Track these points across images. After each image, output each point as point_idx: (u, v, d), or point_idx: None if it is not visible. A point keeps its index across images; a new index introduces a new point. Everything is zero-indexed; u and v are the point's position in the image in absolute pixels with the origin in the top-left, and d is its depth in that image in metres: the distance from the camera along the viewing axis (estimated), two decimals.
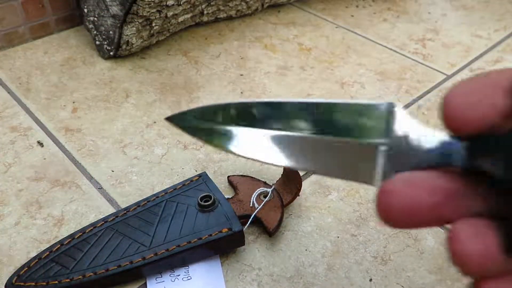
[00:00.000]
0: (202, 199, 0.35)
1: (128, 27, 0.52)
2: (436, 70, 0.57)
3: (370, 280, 0.34)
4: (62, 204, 0.39)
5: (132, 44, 0.55)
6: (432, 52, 0.61)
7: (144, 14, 0.52)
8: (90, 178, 0.41)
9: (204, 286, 0.33)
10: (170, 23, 0.56)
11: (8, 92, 0.51)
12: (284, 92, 0.52)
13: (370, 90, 0.53)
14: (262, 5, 0.66)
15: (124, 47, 0.54)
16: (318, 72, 0.56)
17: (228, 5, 0.62)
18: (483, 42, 0.63)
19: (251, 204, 0.36)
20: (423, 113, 0.50)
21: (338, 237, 0.37)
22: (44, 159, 0.43)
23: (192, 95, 0.51)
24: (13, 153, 0.44)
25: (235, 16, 0.65)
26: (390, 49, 0.61)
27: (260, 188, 0.37)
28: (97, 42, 0.56)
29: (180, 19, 0.57)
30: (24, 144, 0.45)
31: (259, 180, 0.39)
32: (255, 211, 0.35)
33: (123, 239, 0.33)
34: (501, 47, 0.62)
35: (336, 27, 0.65)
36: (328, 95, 0.52)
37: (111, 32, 0.53)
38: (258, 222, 0.36)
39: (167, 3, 0.53)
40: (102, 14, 0.53)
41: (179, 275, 0.33)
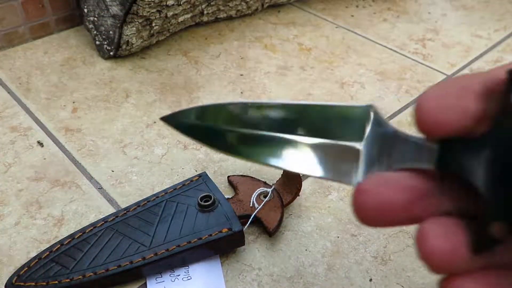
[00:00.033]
0: (202, 199, 0.35)
1: (128, 27, 0.52)
2: (436, 70, 0.57)
3: (370, 280, 0.34)
4: (62, 204, 0.39)
5: (132, 44, 0.55)
6: (432, 52, 0.61)
7: (144, 14, 0.52)
8: (90, 178, 0.41)
9: (204, 286, 0.33)
10: (170, 23, 0.56)
11: (8, 92, 0.51)
12: (284, 92, 0.52)
13: (370, 90, 0.53)
14: (262, 5, 0.66)
15: (124, 47, 0.54)
16: (318, 72, 0.56)
17: (228, 5, 0.62)
18: (483, 42, 0.63)
19: (251, 204, 0.36)
20: None
21: (338, 237, 0.37)
22: (44, 159, 0.43)
23: (192, 95, 0.51)
24: (13, 153, 0.44)
25: (235, 16, 0.65)
26: (390, 49, 0.61)
27: (260, 188, 0.37)
28: (97, 42, 0.56)
29: (180, 19, 0.57)
30: (24, 144, 0.45)
31: (259, 180, 0.39)
32: (255, 211, 0.35)
33: (123, 239, 0.33)
34: (501, 47, 0.62)
35: (336, 27, 0.65)
36: (328, 95, 0.52)
37: (111, 32, 0.53)
38: (258, 222, 0.36)
39: (167, 3, 0.53)
40: (102, 14, 0.53)
41: (179, 275, 0.33)
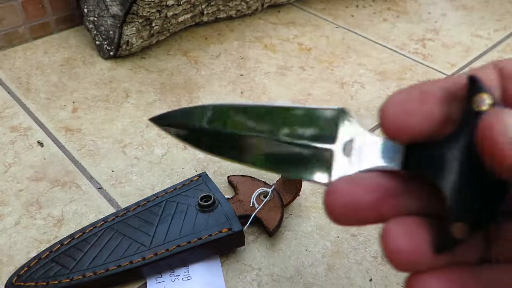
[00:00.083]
0: (202, 199, 0.35)
1: (128, 27, 0.52)
2: (436, 70, 0.57)
3: (370, 280, 0.34)
4: (62, 204, 0.39)
5: (132, 44, 0.55)
6: (432, 52, 0.61)
7: (144, 14, 0.52)
8: (90, 178, 0.41)
9: (204, 286, 0.33)
10: (170, 23, 0.56)
11: (8, 92, 0.51)
12: (284, 92, 0.52)
13: (370, 90, 0.53)
14: (262, 5, 0.66)
15: (124, 47, 0.54)
16: (318, 72, 0.56)
17: (228, 5, 0.62)
18: (483, 42, 0.63)
19: (251, 204, 0.36)
20: None
21: (338, 237, 0.37)
22: (44, 159, 0.43)
23: (192, 95, 0.51)
24: (13, 153, 0.44)
25: (235, 16, 0.65)
26: (390, 49, 0.61)
27: (260, 188, 0.37)
28: (97, 42, 0.56)
29: (180, 19, 0.57)
30: (24, 144, 0.45)
31: (259, 180, 0.39)
32: (255, 211, 0.35)
33: (123, 239, 0.33)
34: (501, 47, 0.62)
35: (336, 27, 0.65)
36: (328, 95, 0.52)
37: (111, 32, 0.53)
38: (258, 222, 0.36)
39: (167, 3, 0.53)
40: (102, 14, 0.53)
41: (179, 275, 0.33)
